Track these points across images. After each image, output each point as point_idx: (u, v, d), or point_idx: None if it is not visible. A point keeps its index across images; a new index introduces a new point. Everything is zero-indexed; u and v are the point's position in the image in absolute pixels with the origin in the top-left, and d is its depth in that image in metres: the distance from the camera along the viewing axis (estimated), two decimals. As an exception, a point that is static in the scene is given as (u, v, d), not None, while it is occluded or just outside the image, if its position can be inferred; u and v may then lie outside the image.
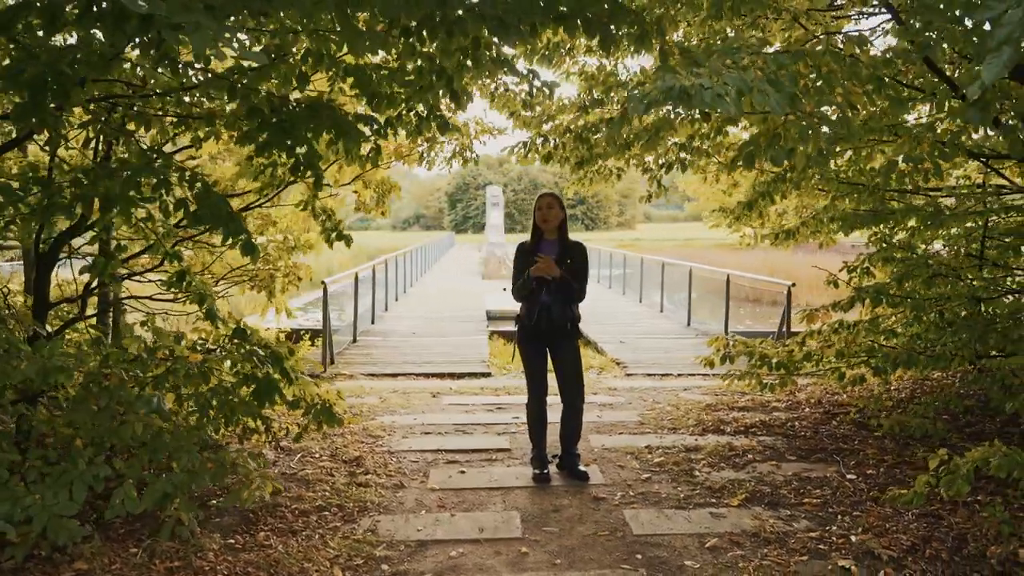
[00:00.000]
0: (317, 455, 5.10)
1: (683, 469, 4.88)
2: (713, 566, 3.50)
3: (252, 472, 3.75)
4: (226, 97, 3.47)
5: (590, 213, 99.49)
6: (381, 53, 3.91)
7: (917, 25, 3.38)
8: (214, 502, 4.13)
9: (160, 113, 3.98)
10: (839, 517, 4.06)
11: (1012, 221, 6.11)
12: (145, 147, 3.51)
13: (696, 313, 12.88)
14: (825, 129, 2.83)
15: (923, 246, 6.66)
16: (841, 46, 3.29)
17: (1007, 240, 6.31)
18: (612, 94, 7.08)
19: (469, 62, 4.03)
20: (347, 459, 5.03)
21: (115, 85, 3.75)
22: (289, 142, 3.15)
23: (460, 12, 2.98)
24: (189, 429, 3.70)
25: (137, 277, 5.21)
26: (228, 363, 4.03)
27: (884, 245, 6.83)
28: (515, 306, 4.92)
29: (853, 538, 3.76)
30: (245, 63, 3.98)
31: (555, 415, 4.78)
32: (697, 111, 3.43)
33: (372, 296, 12.73)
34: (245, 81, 3.70)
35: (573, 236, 4.83)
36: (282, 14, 3.25)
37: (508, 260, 36.10)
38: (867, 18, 5.75)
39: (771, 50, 3.95)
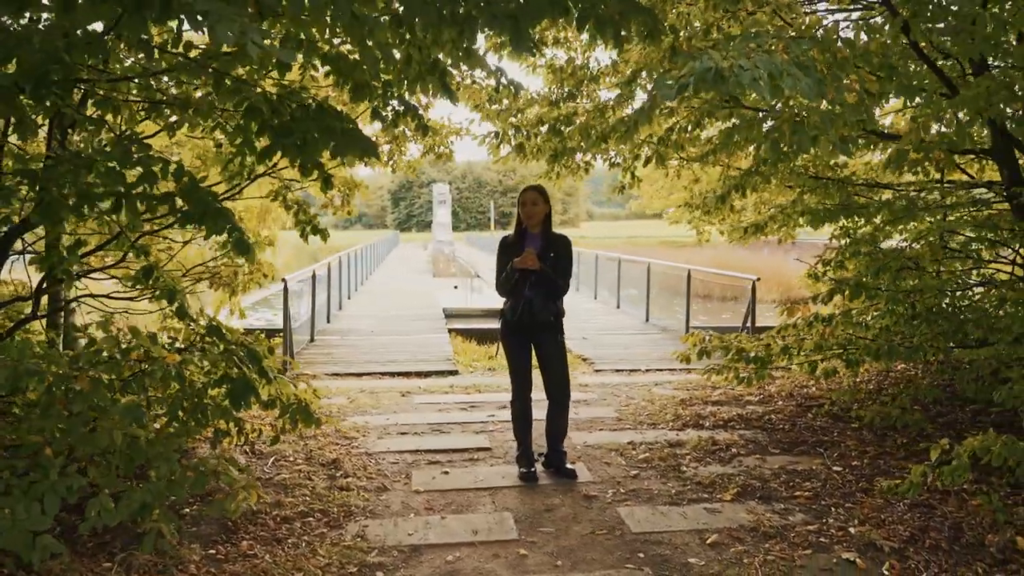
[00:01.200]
0: (292, 458, 4.88)
1: (670, 465, 4.82)
2: (718, 563, 3.44)
3: (236, 480, 3.54)
4: (212, 86, 3.26)
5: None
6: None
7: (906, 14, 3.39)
8: (187, 511, 3.90)
9: (129, 98, 3.74)
10: (833, 509, 4.04)
11: (977, 215, 6.24)
12: (118, 134, 3.26)
13: (652, 309, 12.92)
14: (839, 109, 2.78)
15: (886, 241, 6.77)
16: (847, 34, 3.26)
17: (970, 234, 6.45)
18: (583, 87, 7.02)
19: (460, 54, 3.89)
20: (324, 462, 4.83)
21: (77, 68, 3.49)
22: (298, 143, 2.94)
23: (473, 11, 2.85)
24: (167, 435, 3.47)
25: (95, 274, 4.90)
26: (205, 363, 3.80)
27: (849, 239, 6.92)
28: (471, 304, 4.86)
29: (852, 530, 3.74)
30: (223, 48, 3.77)
31: (539, 412, 4.67)
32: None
33: (327, 294, 12.42)
34: (215, 65, 3.50)
35: (568, 232, 4.74)
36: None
37: (457, 257, 35.96)
38: (843, 12, 5.78)
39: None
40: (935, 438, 5.11)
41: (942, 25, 3.38)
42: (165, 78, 3.99)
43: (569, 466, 4.65)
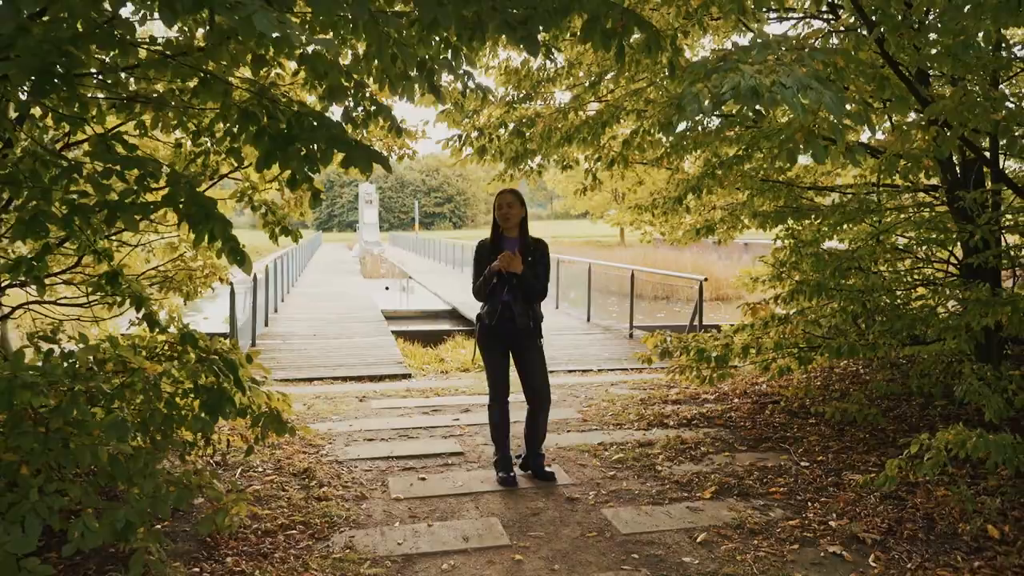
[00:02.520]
0: (260, 469, 4.72)
1: (644, 465, 4.88)
2: (712, 561, 3.50)
3: (222, 494, 3.40)
4: (195, 82, 3.11)
5: (458, 211, 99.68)
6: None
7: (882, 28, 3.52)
8: (158, 527, 3.72)
9: (96, 95, 3.53)
10: (809, 504, 4.17)
11: (918, 218, 6.55)
12: (103, 133, 3.07)
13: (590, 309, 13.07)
14: (848, 122, 2.87)
15: (827, 242, 7.04)
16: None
17: (909, 235, 6.76)
18: (539, 89, 7.04)
19: (449, 53, 3.85)
20: (295, 472, 4.69)
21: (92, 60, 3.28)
22: (303, 153, 2.82)
23: (484, 16, 2.81)
24: (149, 450, 3.30)
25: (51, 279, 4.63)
26: (183, 373, 3.63)
27: (793, 240, 7.16)
28: (409, 306, 4.79)
29: (832, 523, 3.86)
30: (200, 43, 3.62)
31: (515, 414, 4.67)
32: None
33: (265, 297, 12.08)
34: (190, 62, 3.35)
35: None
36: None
37: (385, 258, 35.51)
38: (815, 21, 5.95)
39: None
40: (889, 432, 5.35)
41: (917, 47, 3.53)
42: (125, 75, 3.80)
43: (548, 469, 4.65)
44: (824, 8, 5.12)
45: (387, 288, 22.14)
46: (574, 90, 7.05)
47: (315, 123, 3.00)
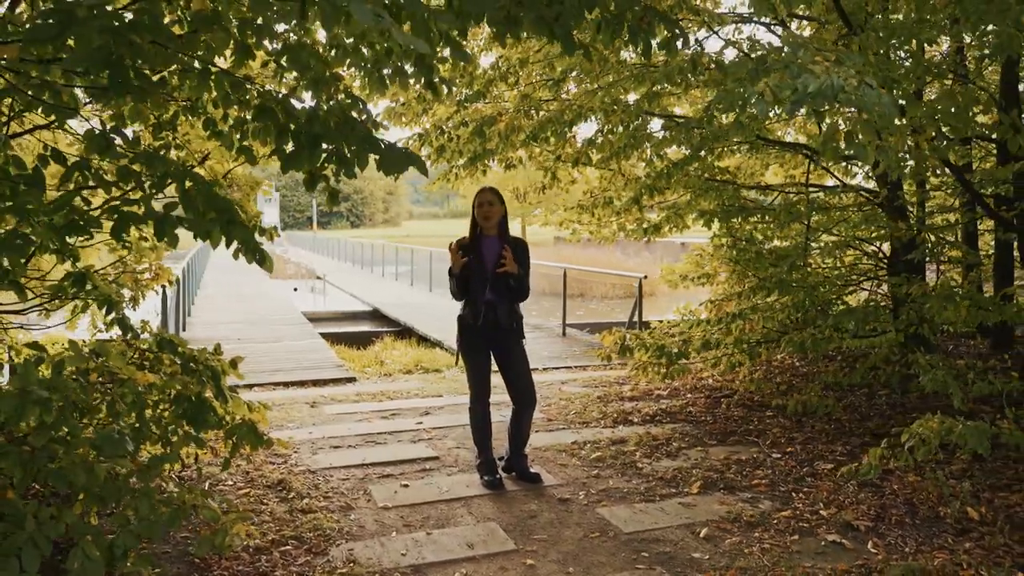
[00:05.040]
0: (230, 482, 4.46)
1: (624, 462, 4.90)
2: (722, 555, 3.54)
3: (219, 513, 3.17)
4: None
5: (355, 210, 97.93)
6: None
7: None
8: (146, 550, 3.45)
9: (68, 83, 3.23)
10: (794, 495, 4.29)
11: (853, 217, 6.88)
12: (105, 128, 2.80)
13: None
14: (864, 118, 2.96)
15: (760, 238, 7.31)
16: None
17: (845, 234, 7.09)
18: (492, 87, 6.97)
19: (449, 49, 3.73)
20: (269, 484, 4.45)
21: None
22: (336, 155, 2.65)
23: (519, 12, 2.73)
24: (143, 468, 3.04)
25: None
26: (165, 382, 3.38)
27: (732, 238, 7.40)
28: (329, 307, 4.69)
29: (823, 513, 3.99)
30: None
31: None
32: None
33: (177, 300, 11.46)
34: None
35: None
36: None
37: (288, 257, 34.43)
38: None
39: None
40: (844, 422, 5.58)
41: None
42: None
43: (533, 470, 4.60)
44: (784, 17, 5.29)
45: (295, 289, 21.50)
46: (524, 89, 7.03)
47: (342, 124, 2.83)
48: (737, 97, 2.46)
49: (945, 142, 4.34)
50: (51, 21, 1.87)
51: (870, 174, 8.09)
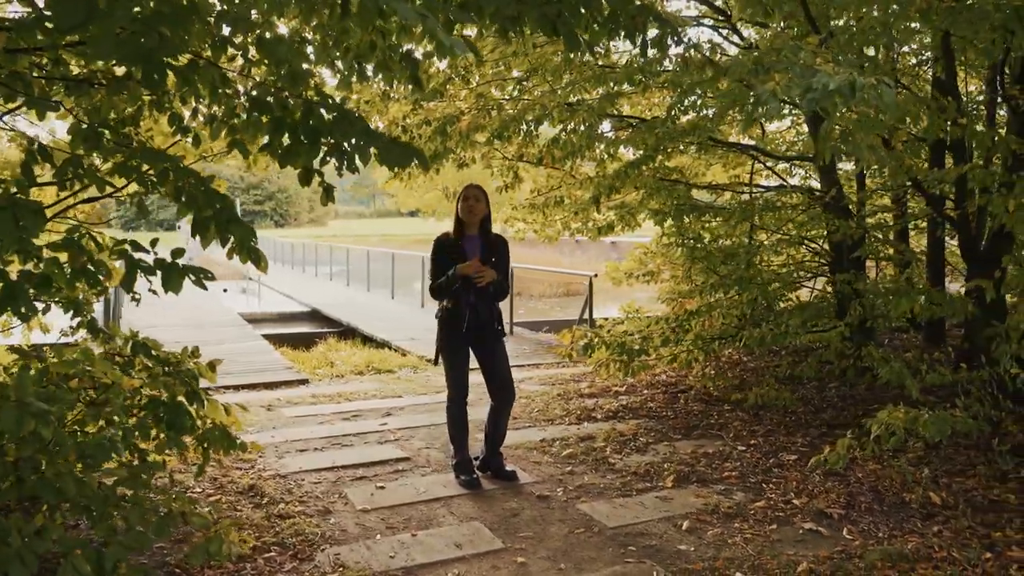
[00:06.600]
0: (199, 489, 4.32)
1: (596, 458, 4.95)
2: (707, 546, 3.62)
3: (209, 521, 3.08)
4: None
5: (279, 209, 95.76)
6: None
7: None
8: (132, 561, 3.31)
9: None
10: (764, 486, 4.42)
11: (798, 217, 7.12)
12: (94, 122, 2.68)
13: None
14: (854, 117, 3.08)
15: (708, 237, 7.50)
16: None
17: (793, 233, 7.34)
18: (449, 87, 6.94)
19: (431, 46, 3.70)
20: (239, 490, 4.33)
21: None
22: (337, 148, 2.59)
23: (522, 10, 2.73)
24: (134, 476, 2.92)
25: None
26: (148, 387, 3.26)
27: (681, 237, 7.55)
28: (265, 308, 4.65)
29: (796, 502, 4.12)
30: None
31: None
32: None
33: (109, 302, 11.03)
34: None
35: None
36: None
37: (212, 258, 33.25)
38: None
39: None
40: (799, 414, 5.77)
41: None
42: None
43: (509, 468, 4.61)
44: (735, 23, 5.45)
45: (225, 290, 20.88)
46: (479, 88, 7.03)
47: (336, 115, 2.78)
48: (742, 96, 2.52)
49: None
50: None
51: (812, 175, 8.41)
